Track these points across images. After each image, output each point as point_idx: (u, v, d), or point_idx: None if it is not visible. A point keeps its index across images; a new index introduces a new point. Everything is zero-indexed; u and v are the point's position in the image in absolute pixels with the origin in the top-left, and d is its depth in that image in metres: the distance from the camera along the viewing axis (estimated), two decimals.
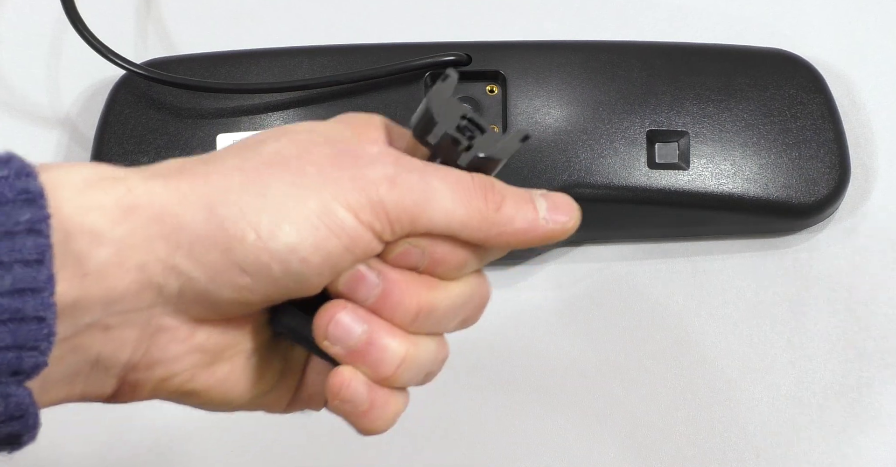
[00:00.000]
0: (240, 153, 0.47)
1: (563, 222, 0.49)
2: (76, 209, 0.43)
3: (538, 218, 0.48)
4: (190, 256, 0.45)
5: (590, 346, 0.72)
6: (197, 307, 0.46)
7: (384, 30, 0.78)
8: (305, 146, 0.47)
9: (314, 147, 0.47)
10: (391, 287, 0.47)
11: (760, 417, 0.71)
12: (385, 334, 0.47)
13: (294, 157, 0.46)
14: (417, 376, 0.49)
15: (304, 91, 0.73)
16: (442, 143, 0.48)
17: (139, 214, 0.44)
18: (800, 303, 0.73)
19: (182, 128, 0.73)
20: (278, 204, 0.45)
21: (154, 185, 0.45)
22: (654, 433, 0.71)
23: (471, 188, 0.48)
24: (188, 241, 0.45)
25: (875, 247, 0.74)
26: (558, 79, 0.73)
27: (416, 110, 0.49)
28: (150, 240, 0.44)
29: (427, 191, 0.47)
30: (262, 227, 0.45)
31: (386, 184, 0.46)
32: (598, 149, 0.72)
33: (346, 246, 0.46)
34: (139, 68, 0.73)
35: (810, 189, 0.72)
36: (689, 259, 0.74)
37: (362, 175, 0.46)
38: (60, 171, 0.44)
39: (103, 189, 0.44)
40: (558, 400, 0.72)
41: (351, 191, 0.46)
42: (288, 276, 0.45)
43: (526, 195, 0.49)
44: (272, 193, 0.45)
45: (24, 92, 0.78)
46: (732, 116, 0.73)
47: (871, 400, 0.72)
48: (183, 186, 0.45)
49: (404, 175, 0.47)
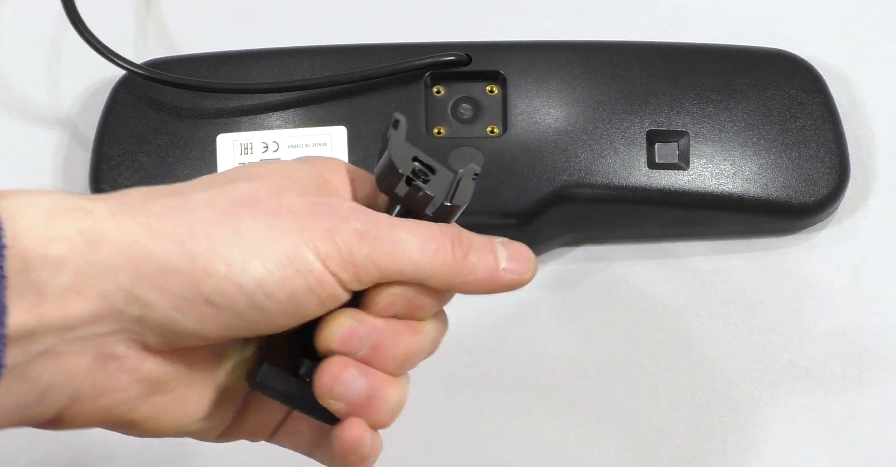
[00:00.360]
0: (209, 189, 0.48)
1: (521, 273, 0.51)
2: (37, 239, 0.44)
3: (498, 268, 0.51)
4: (155, 286, 0.45)
5: (590, 346, 0.72)
6: (154, 336, 0.47)
7: (384, 30, 0.78)
8: (279, 190, 0.48)
9: (287, 193, 0.48)
10: (381, 337, 0.49)
11: (760, 417, 0.71)
12: (383, 384, 0.49)
13: (267, 199, 0.48)
14: (399, 413, 0.51)
15: (304, 91, 0.73)
16: (408, 194, 0.50)
17: (105, 245, 0.45)
18: (800, 303, 0.73)
19: (182, 128, 0.73)
20: (250, 240, 0.46)
21: (122, 218, 0.46)
22: (654, 433, 0.71)
23: (440, 240, 0.50)
24: (155, 272, 0.45)
25: (875, 247, 0.74)
26: (558, 79, 0.73)
27: (379, 162, 0.51)
28: (113, 270, 0.45)
29: (396, 245, 0.49)
30: (234, 261, 0.46)
31: (356, 239, 0.48)
32: (598, 149, 0.72)
33: (311, 287, 0.47)
34: (139, 68, 0.73)
35: (810, 189, 0.72)
36: (689, 259, 0.74)
37: (335, 227, 0.48)
38: (22, 200, 0.44)
39: (69, 219, 0.45)
40: (558, 400, 0.72)
41: (323, 240, 0.47)
42: (252, 310, 0.47)
43: (488, 244, 0.51)
44: (245, 230, 0.47)
45: (24, 92, 0.78)
46: (732, 116, 0.73)
47: (871, 400, 0.72)
48: (151, 220, 0.46)
49: (374, 231, 0.48)
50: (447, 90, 0.73)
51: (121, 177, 0.72)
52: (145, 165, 0.73)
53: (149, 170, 0.72)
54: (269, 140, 0.73)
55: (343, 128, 0.73)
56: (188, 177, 0.72)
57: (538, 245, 0.73)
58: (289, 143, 0.72)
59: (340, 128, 0.73)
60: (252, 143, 0.72)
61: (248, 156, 0.72)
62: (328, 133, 0.72)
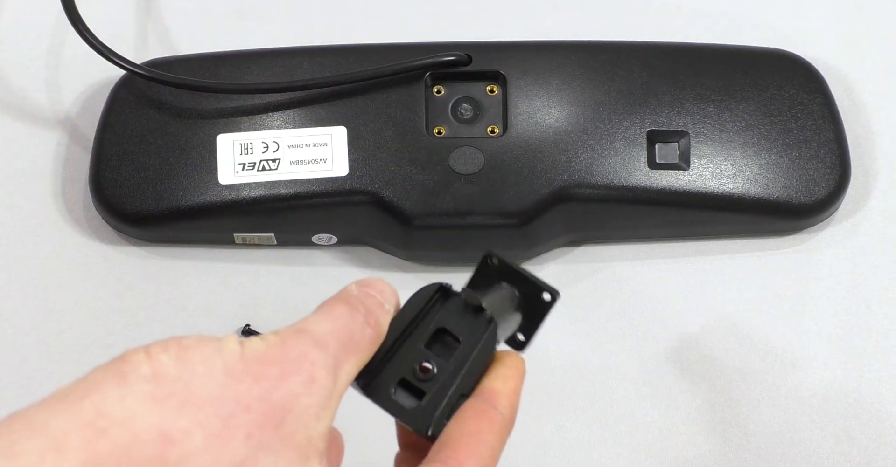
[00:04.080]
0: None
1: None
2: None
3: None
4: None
5: (590, 346, 0.72)
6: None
7: (384, 30, 0.78)
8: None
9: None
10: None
11: (760, 417, 0.71)
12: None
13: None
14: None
15: (304, 91, 0.73)
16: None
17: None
18: (800, 303, 0.73)
19: (182, 128, 0.73)
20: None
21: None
22: (654, 433, 0.71)
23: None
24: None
25: (875, 247, 0.74)
26: (558, 79, 0.73)
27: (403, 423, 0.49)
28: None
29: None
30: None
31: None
32: (598, 149, 0.72)
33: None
34: (139, 68, 0.73)
35: (810, 189, 0.72)
36: (689, 259, 0.74)
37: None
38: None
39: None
40: (558, 400, 0.72)
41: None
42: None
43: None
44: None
45: (24, 92, 0.78)
46: (733, 116, 0.73)
47: (871, 400, 0.72)
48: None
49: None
50: (447, 90, 0.73)
51: (121, 177, 0.72)
52: (145, 165, 0.73)
53: (149, 170, 0.72)
54: (269, 140, 0.73)
55: (343, 128, 0.72)
56: (188, 176, 0.72)
57: (538, 245, 0.73)
58: (289, 143, 0.72)
59: (340, 128, 0.73)
60: (252, 143, 0.72)
61: (248, 157, 0.72)
62: (328, 133, 0.72)
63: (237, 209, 0.72)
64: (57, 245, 0.75)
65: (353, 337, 0.48)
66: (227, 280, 0.74)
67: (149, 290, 0.74)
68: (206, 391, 0.44)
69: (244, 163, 0.72)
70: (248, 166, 0.72)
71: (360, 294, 0.50)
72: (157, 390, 0.43)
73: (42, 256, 0.74)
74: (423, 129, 0.72)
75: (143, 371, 0.43)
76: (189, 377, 0.44)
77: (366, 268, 0.75)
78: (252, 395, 0.44)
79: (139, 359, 0.44)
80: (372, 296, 0.50)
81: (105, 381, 0.43)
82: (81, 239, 0.75)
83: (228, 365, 0.44)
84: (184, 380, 0.43)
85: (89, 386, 0.43)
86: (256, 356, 0.45)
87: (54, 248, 0.75)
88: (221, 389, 0.44)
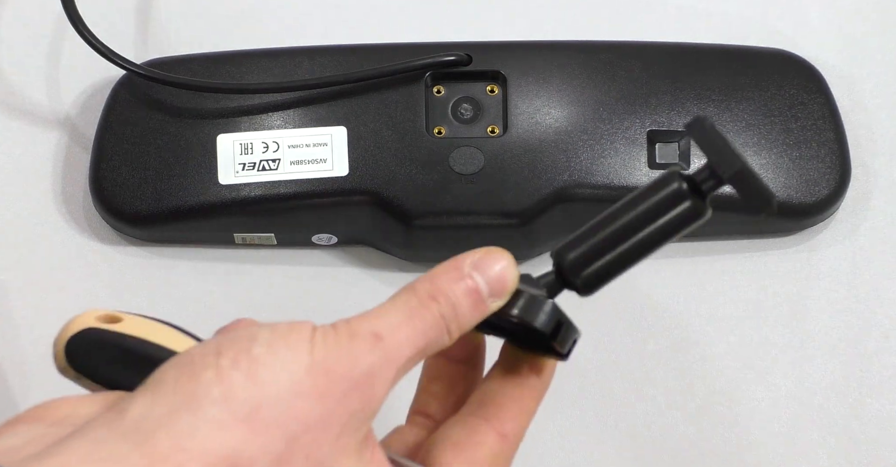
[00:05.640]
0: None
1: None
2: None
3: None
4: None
5: (590, 346, 0.72)
6: None
7: (384, 30, 0.78)
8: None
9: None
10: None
11: (761, 417, 0.71)
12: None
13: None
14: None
15: (304, 91, 0.73)
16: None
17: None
18: (800, 303, 0.73)
19: (182, 128, 0.73)
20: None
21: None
22: (654, 433, 0.71)
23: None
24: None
25: (875, 247, 0.74)
26: (559, 79, 0.73)
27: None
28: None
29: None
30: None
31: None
32: (598, 149, 0.72)
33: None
34: (139, 68, 0.73)
35: (811, 189, 0.72)
36: (689, 259, 0.74)
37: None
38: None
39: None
40: (558, 400, 0.72)
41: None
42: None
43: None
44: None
45: (24, 92, 0.78)
46: (733, 116, 0.73)
47: (871, 400, 0.72)
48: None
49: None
50: (447, 90, 0.73)
51: (121, 177, 0.72)
52: (145, 165, 0.72)
53: (149, 170, 0.72)
54: (269, 140, 0.73)
55: (343, 128, 0.72)
56: (188, 176, 0.72)
57: (538, 245, 0.73)
58: (289, 143, 0.72)
59: (340, 128, 0.73)
60: (252, 143, 0.72)
61: (248, 157, 0.72)
62: (328, 133, 0.72)
63: (237, 209, 0.72)
64: (57, 245, 0.75)
65: (427, 347, 0.48)
66: (227, 280, 0.74)
67: (149, 290, 0.74)
68: (273, 413, 0.44)
69: (244, 163, 0.72)
70: (249, 166, 0.72)
71: (461, 291, 0.48)
72: (227, 416, 0.44)
73: (42, 256, 0.74)
74: (423, 129, 0.72)
75: (213, 394, 0.44)
76: (257, 398, 0.44)
77: (366, 268, 0.75)
78: (314, 415, 0.45)
79: (209, 379, 0.44)
80: (473, 294, 0.48)
81: (178, 409, 0.44)
82: (81, 239, 0.75)
83: (295, 382, 0.45)
84: (252, 403, 0.44)
85: (163, 414, 0.43)
86: (325, 369, 0.45)
87: (54, 248, 0.75)
88: (287, 408, 0.44)
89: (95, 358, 0.50)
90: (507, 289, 0.49)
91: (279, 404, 0.44)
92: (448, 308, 0.48)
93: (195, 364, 0.45)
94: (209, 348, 0.45)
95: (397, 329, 0.47)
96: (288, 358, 0.45)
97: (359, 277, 0.75)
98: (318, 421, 0.45)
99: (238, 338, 0.45)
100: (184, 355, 0.46)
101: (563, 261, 0.51)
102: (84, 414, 0.46)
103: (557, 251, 0.51)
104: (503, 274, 0.49)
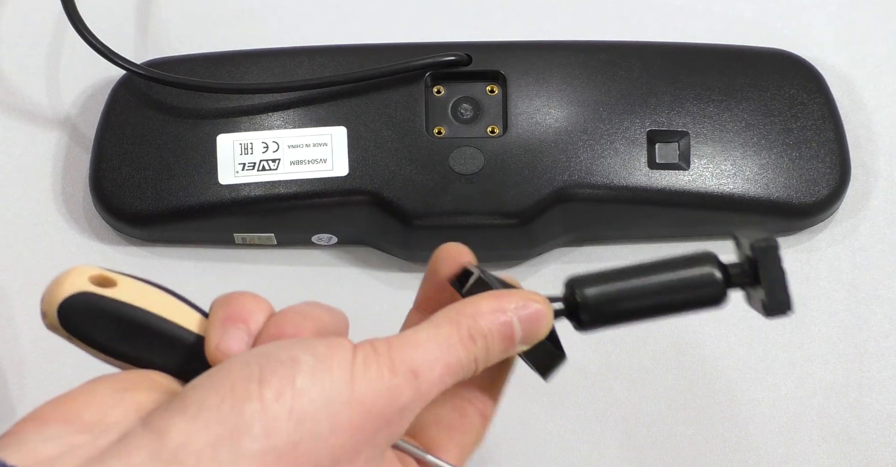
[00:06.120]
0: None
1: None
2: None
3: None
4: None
5: (590, 346, 0.72)
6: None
7: (384, 30, 0.78)
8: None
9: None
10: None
11: (760, 417, 0.71)
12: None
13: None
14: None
15: (304, 91, 0.73)
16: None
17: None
18: (800, 303, 0.73)
19: (182, 128, 0.73)
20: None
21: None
22: (654, 433, 0.71)
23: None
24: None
25: (875, 247, 0.74)
26: (558, 79, 0.73)
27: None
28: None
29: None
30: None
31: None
32: (598, 149, 0.72)
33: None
34: (139, 68, 0.73)
35: (811, 189, 0.72)
36: None
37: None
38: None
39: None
40: (558, 400, 0.72)
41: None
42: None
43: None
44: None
45: (24, 92, 0.78)
46: (733, 116, 0.73)
47: (871, 400, 0.72)
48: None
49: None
50: (447, 90, 0.73)
51: (121, 177, 0.72)
52: (145, 165, 0.73)
53: (149, 170, 0.72)
54: (269, 140, 0.73)
55: (343, 128, 0.72)
56: (188, 176, 0.72)
57: (538, 245, 0.73)
58: (289, 143, 0.72)
59: (340, 128, 0.73)
60: (252, 143, 0.72)
61: (248, 157, 0.72)
62: (328, 133, 0.72)
63: (237, 209, 0.72)
64: (57, 245, 0.75)
65: (456, 377, 0.49)
66: (227, 280, 0.74)
67: None
68: (309, 448, 0.46)
69: (244, 163, 0.72)
70: (248, 166, 0.72)
71: (498, 335, 0.50)
72: (267, 453, 0.45)
73: (42, 256, 0.74)
74: (423, 129, 0.72)
75: (255, 429, 0.45)
76: (298, 436, 0.45)
77: (366, 268, 0.75)
78: (347, 447, 0.46)
79: (253, 412, 0.45)
80: (508, 340, 0.51)
81: (219, 442, 0.44)
82: (81, 239, 0.75)
83: (334, 416, 0.46)
84: (293, 440, 0.45)
85: (204, 445, 0.44)
86: (364, 406, 0.47)
87: (54, 248, 0.75)
88: (323, 444, 0.46)
89: (91, 324, 0.50)
90: (538, 339, 0.52)
91: (317, 440, 0.45)
92: (483, 351, 0.50)
93: (237, 390, 0.45)
94: (251, 371, 0.46)
95: (433, 367, 0.48)
96: (329, 392, 0.46)
97: (359, 277, 0.75)
98: (348, 452, 0.46)
99: (281, 363, 0.46)
100: (222, 372, 0.46)
101: (581, 294, 0.51)
102: (115, 422, 0.46)
103: (575, 282, 0.52)
104: (540, 327, 0.52)
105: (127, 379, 0.49)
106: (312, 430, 0.45)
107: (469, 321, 0.50)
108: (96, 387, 0.48)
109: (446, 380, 0.49)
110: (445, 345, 0.49)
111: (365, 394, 0.46)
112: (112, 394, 0.47)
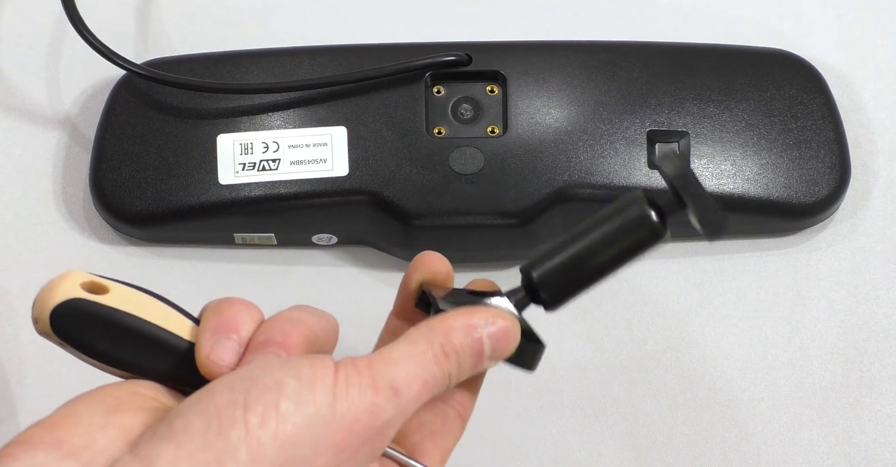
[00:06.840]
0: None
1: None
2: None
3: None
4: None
5: (590, 346, 0.72)
6: None
7: (384, 30, 0.78)
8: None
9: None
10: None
11: (761, 417, 0.71)
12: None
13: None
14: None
15: (304, 91, 0.73)
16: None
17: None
18: (800, 303, 0.73)
19: (182, 128, 0.73)
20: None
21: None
22: (654, 433, 0.71)
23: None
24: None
25: (875, 247, 0.74)
26: (558, 79, 0.73)
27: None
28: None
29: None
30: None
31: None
32: (598, 149, 0.72)
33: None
34: (139, 68, 0.73)
35: (811, 189, 0.72)
36: (689, 259, 0.74)
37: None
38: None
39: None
40: (558, 400, 0.72)
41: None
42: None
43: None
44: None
45: (24, 92, 0.78)
46: (733, 116, 0.73)
47: (871, 400, 0.72)
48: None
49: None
50: (447, 90, 0.73)
51: (121, 178, 0.72)
52: (145, 165, 0.73)
53: (149, 170, 0.72)
54: (269, 140, 0.73)
55: (343, 128, 0.73)
56: (188, 177, 0.72)
57: (538, 245, 0.73)
58: (289, 143, 0.72)
59: (340, 128, 0.73)
60: (252, 143, 0.72)
61: (248, 157, 0.72)
62: (328, 133, 0.72)
63: (237, 209, 0.72)
64: (57, 245, 0.75)
65: (431, 393, 0.51)
66: (227, 280, 0.74)
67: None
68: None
69: (244, 163, 0.72)
70: (249, 166, 0.72)
71: (469, 351, 0.52)
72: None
73: (42, 256, 0.74)
74: (423, 129, 0.72)
75: (241, 455, 0.45)
76: (282, 460, 0.46)
77: (366, 268, 0.75)
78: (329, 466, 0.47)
79: (238, 438, 0.46)
80: (478, 356, 0.52)
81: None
82: (81, 239, 0.75)
83: (318, 438, 0.47)
84: (277, 465, 0.46)
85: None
86: (347, 425, 0.48)
87: (54, 248, 0.75)
88: (306, 465, 0.47)
89: (83, 331, 0.50)
90: (505, 355, 0.53)
91: (302, 462, 0.46)
92: (455, 367, 0.51)
93: (222, 416, 0.46)
94: (236, 397, 0.46)
95: (412, 383, 0.49)
96: (313, 414, 0.47)
97: (359, 277, 0.75)
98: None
99: (266, 388, 0.47)
100: (207, 398, 0.47)
101: (531, 277, 0.52)
102: (102, 449, 0.47)
103: (525, 267, 0.52)
104: (507, 343, 0.53)
105: (112, 398, 0.49)
106: (297, 453, 0.46)
107: (441, 338, 0.51)
108: (80, 409, 0.48)
109: (423, 397, 0.50)
110: (421, 362, 0.50)
111: (348, 414, 0.47)
112: (99, 418, 0.48)
